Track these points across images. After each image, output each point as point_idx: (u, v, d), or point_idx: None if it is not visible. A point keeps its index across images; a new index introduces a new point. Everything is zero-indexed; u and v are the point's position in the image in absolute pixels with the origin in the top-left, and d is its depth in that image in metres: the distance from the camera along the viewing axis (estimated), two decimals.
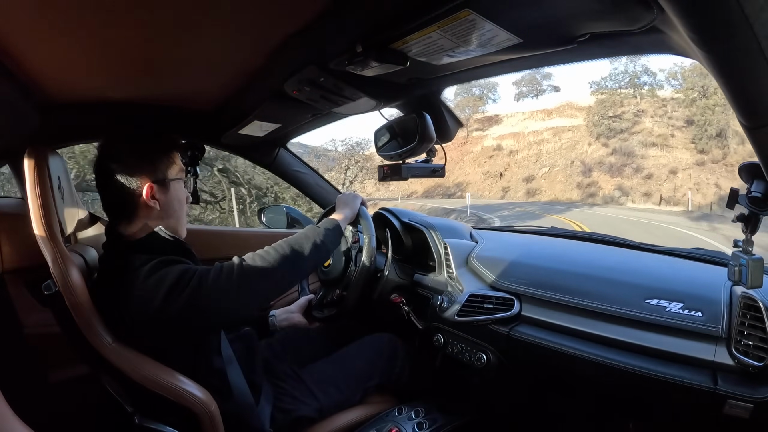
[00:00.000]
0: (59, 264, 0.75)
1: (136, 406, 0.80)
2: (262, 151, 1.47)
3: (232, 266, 0.79)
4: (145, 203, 0.82)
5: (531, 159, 32.00)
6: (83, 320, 0.74)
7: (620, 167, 26.62)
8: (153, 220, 0.84)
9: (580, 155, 29.26)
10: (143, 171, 0.82)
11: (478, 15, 0.50)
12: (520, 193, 29.67)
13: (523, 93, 38.55)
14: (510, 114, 37.35)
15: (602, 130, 28.98)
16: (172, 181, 0.85)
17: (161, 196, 0.83)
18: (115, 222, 0.84)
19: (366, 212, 1.09)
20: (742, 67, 0.37)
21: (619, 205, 23.77)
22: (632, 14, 0.47)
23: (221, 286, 0.75)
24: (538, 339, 0.92)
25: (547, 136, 32.69)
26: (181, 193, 0.89)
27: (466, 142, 36.40)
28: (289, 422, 0.93)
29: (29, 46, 0.62)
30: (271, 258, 0.82)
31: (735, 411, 0.69)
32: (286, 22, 0.62)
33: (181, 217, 0.89)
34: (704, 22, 0.35)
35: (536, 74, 36.99)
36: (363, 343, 1.15)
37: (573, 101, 33.84)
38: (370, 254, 1.06)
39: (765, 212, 0.64)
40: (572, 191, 27.26)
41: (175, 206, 0.87)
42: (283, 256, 0.83)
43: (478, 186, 32.72)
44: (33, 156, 0.83)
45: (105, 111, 0.98)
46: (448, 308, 1.03)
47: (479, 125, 37.64)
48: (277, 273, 0.82)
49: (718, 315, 0.76)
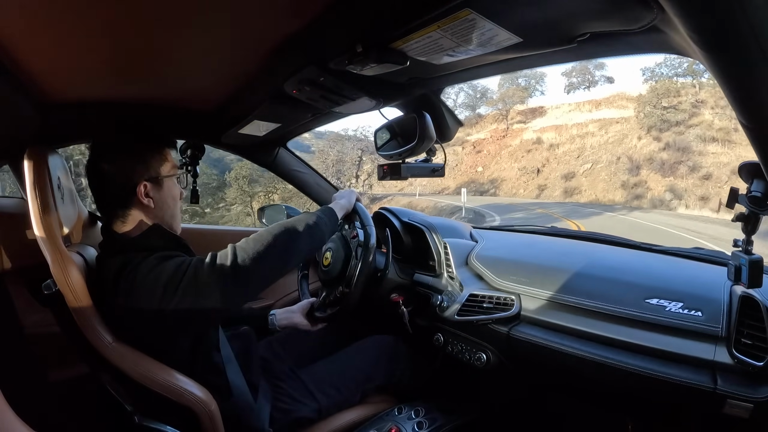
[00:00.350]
0: (59, 264, 0.75)
1: (136, 405, 0.80)
2: (262, 151, 1.47)
3: (226, 252, 0.78)
4: (140, 201, 0.82)
5: (573, 154, 28.14)
6: (83, 320, 0.74)
7: (673, 165, 22.76)
8: (148, 218, 0.84)
9: (628, 150, 25.47)
10: (136, 170, 0.82)
11: (479, 14, 0.50)
12: (557, 192, 25.93)
13: (573, 84, 34.94)
14: (555, 106, 33.95)
15: (654, 122, 25.13)
16: (165, 178, 0.86)
17: (155, 193, 0.84)
18: (110, 221, 0.84)
19: (362, 207, 1.09)
20: (742, 66, 0.37)
21: (669, 210, 20.00)
22: (632, 14, 0.47)
23: (216, 271, 0.75)
24: (538, 338, 0.92)
25: (592, 129, 28.97)
26: (175, 190, 0.89)
27: (505, 134, 33.55)
28: (288, 423, 0.93)
29: (29, 46, 0.62)
30: (265, 240, 0.81)
31: (735, 411, 0.69)
32: (286, 21, 0.62)
33: (176, 214, 0.90)
34: (704, 22, 0.35)
35: (588, 65, 33.11)
36: (364, 345, 1.15)
37: (624, 92, 30.46)
38: (371, 247, 1.06)
39: (765, 212, 0.64)
40: (616, 192, 23.57)
41: (169, 203, 0.87)
42: (276, 237, 0.82)
43: (513, 183, 29.18)
44: (33, 156, 0.83)
45: (105, 111, 0.98)
46: (448, 308, 1.03)
47: (522, 117, 34.26)
48: (272, 255, 0.80)
49: (718, 315, 0.76)
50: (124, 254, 0.79)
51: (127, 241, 0.82)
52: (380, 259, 1.19)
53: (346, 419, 1.01)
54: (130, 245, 0.81)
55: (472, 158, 33.83)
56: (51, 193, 0.82)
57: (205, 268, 0.75)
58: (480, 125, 36.13)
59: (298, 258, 0.86)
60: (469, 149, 34.82)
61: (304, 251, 0.89)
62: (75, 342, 0.77)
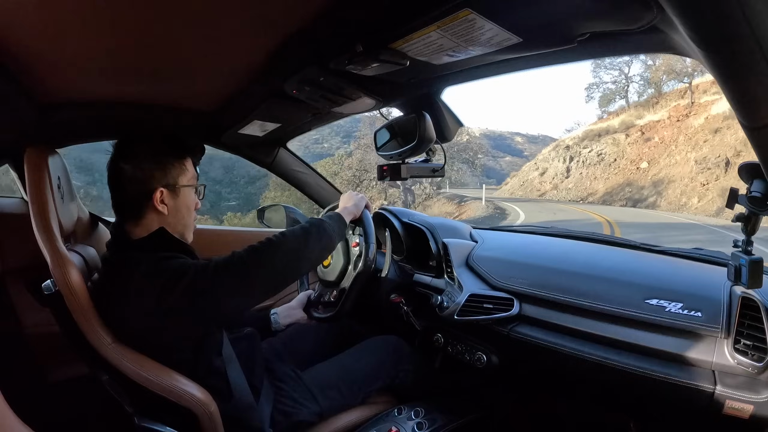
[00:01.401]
0: (59, 264, 0.75)
1: (136, 406, 0.80)
2: (262, 151, 1.47)
3: (230, 259, 0.78)
4: (154, 207, 0.82)
5: None
6: (83, 320, 0.74)
7: None
8: (160, 223, 0.84)
9: None
10: (155, 175, 0.82)
11: (478, 14, 0.50)
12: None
13: None
14: None
15: None
16: (182, 187, 0.86)
17: (170, 201, 0.84)
18: (123, 221, 0.84)
19: (369, 217, 1.08)
20: (743, 67, 0.37)
21: None
22: (632, 14, 0.47)
23: (219, 277, 0.75)
24: (538, 339, 0.92)
25: None
26: (190, 200, 0.89)
27: (688, 113, 21.44)
28: (288, 425, 0.93)
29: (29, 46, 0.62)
30: (269, 248, 0.81)
31: (735, 411, 0.69)
32: (286, 21, 0.62)
33: (189, 224, 0.90)
34: (704, 22, 0.35)
35: None
36: (367, 347, 1.14)
37: None
38: (369, 261, 1.06)
39: (765, 212, 0.64)
40: None
41: (183, 212, 0.87)
42: (281, 244, 0.82)
43: (684, 185, 17.11)
44: (33, 156, 0.83)
45: (105, 111, 0.98)
46: (448, 308, 1.02)
47: (716, 87, 10.67)
48: (276, 262, 0.80)
49: (718, 315, 0.76)
50: (129, 253, 0.80)
51: (136, 242, 0.83)
52: (380, 260, 1.19)
53: (345, 420, 1.00)
54: (136, 245, 0.82)
55: (637, 149, 22.37)
56: (51, 194, 0.83)
57: (206, 272, 0.75)
58: (661, 104, 24.47)
59: (306, 267, 0.86)
60: (635, 137, 23.21)
61: (314, 259, 0.89)
62: (75, 342, 0.77)
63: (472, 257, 1.17)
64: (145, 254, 0.78)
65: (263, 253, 0.80)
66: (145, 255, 0.78)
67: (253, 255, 0.79)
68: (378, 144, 1.09)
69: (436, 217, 1.43)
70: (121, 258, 0.80)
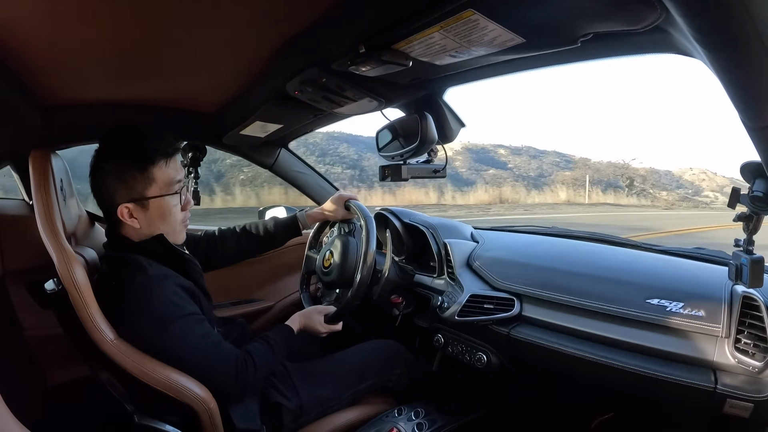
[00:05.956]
0: (65, 261, 0.76)
1: (136, 404, 0.80)
2: (263, 152, 1.47)
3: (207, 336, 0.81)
4: (124, 221, 0.82)
5: None
6: (86, 316, 0.74)
7: None
8: (142, 230, 0.84)
9: None
10: (119, 192, 0.80)
11: (482, 15, 0.50)
12: None
13: None
14: None
15: None
16: (151, 199, 0.81)
17: (140, 214, 0.82)
18: (112, 225, 0.86)
19: (372, 224, 1.07)
20: (747, 68, 0.37)
21: None
22: (636, 14, 0.47)
23: (197, 345, 0.79)
24: (538, 339, 0.92)
25: None
26: (166, 208, 0.84)
27: None
28: (272, 414, 0.93)
29: (31, 48, 0.62)
30: (252, 370, 0.83)
31: (735, 410, 0.69)
32: (289, 23, 0.63)
33: (172, 230, 0.87)
34: (709, 23, 0.35)
35: None
36: (361, 347, 1.14)
37: None
38: (372, 240, 1.05)
39: (766, 211, 0.64)
40: None
41: (157, 223, 0.84)
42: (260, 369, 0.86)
43: None
44: (37, 158, 0.84)
45: (107, 112, 0.98)
46: (448, 308, 1.02)
47: None
48: (229, 366, 0.82)
49: (719, 314, 0.76)
50: (127, 255, 0.82)
51: (132, 244, 0.84)
52: (380, 260, 1.19)
53: (345, 419, 1.00)
54: (134, 248, 0.83)
55: None
56: (55, 195, 0.83)
57: (195, 334, 0.79)
58: None
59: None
60: None
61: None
62: (77, 340, 0.77)
63: (473, 257, 1.17)
64: (141, 265, 0.80)
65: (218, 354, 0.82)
66: (142, 265, 0.80)
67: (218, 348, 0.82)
68: (380, 144, 1.09)
69: (437, 217, 1.43)
70: (117, 258, 0.83)
